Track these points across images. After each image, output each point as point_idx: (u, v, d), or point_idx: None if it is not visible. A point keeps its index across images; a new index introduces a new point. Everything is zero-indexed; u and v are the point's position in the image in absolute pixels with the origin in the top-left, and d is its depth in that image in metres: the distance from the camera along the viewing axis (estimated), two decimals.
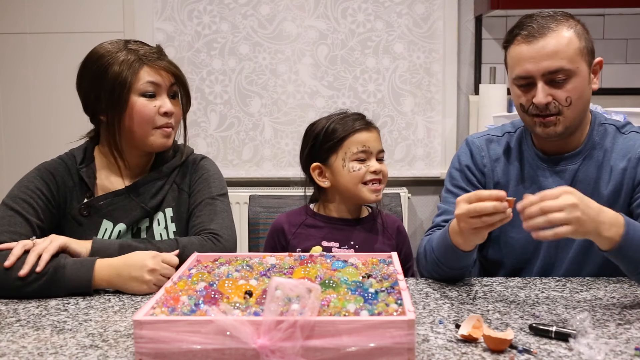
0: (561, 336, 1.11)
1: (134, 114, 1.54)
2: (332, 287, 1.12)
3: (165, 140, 1.58)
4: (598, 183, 1.57)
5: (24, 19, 3.32)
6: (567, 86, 1.49)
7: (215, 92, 3.33)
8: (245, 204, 2.96)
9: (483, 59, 3.29)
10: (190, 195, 1.64)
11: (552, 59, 1.47)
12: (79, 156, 1.61)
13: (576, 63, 1.49)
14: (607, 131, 1.60)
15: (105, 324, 1.22)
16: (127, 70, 1.52)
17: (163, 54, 1.60)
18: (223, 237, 1.54)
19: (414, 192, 3.35)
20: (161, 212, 1.61)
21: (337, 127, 1.65)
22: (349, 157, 1.63)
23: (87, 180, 1.59)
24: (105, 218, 1.57)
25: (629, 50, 3.27)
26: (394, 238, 1.71)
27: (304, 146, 1.71)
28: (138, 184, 1.60)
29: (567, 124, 1.52)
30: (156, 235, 1.59)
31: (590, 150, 1.59)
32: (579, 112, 1.52)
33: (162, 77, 1.56)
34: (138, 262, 1.39)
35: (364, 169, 1.63)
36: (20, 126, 3.38)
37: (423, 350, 1.08)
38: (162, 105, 1.56)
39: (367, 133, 1.64)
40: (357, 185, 1.63)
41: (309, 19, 3.29)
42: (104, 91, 1.53)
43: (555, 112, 1.50)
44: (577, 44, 1.49)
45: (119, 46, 1.56)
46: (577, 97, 1.50)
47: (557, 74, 1.48)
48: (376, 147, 1.65)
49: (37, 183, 1.55)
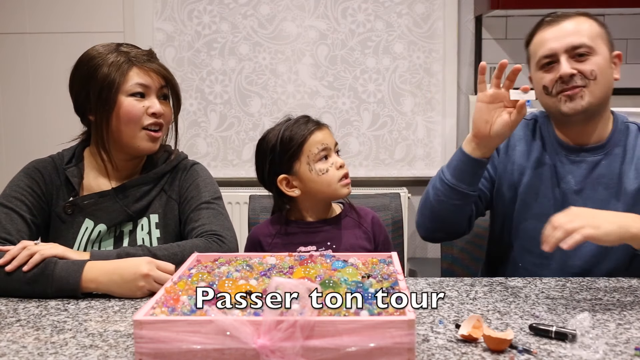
0: (561, 336, 1.11)
1: (122, 113, 1.54)
2: (332, 287, 1.12)
3: (152, 145, 1.59)
4: (622, 179, 1.59)
5: (23, 19, 3.32)
6: (589, 61, 1.55)
7: (215, 92, 3.33)
8: (245, 204, 2.96)
9: (483, 59, 3.29)
10: (182, 202, 1.63)
11: (574, 35, 1.56)
12: (67, 156, 1.64)
13: (597, 43, 1.56)
14: (629, 129, 1.64)
15: (105, 324, 1.22)
16: (115, 71, 1.53)
17: (154, 57, 1.61)
18: (227, 239, 1.54)
19: (414, 192, 3.35)
20: (145, 218, 1.61)
21: (291, 134, 1.62)
22: (312, 159, 1.61)
23: (73, 180, 1.60)
24: (88, 217, 1.58)
25: (629, 50, 3.27)
26: (369, 230, 1.69)
27: (263, 161, 1.66)
28: (124, 187, 1.61)
29: (591, 99, 1.56)
30: (138, 240, 1.59)
31: (613, 147, 1.62)
32: (603, 90, 1.57)
33: (152, 79, 1.57)
34: (132, 267, 1.37)
35: (331, 168, 1.62)
36: (19, 126, 3.38)
37: (423, 350, 1.08)
38: (150, 105, 1.56)
39: (321, 132, 1.63)
40: (331, 185, 1.62)
41: (309, 19, 3.29)
42: (93, 91, 1.54)
43: (581, 84, 1.55)
44: (597, 28, 1.58)
45: (110, 48, 1.58)
46: (601, 73, 1.55)
47: (579, 49, 1.55)
48: (332, 142, 1.64)
49: (27, 181, 1.58)
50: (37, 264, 1.38)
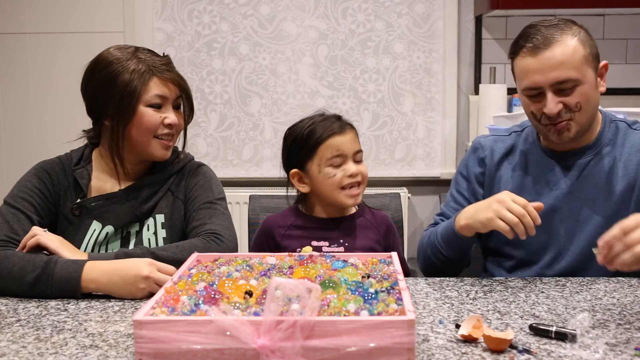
0: (561, 336, 1.11)
1: (141, 124, 1.56)
2: (332, 287, 1.12)
3: (164, 152, 1.62)
4: (610, 179, 1.59)
5: (23, 19, 3.32)
6: (575, 93, 1.51)
7: (215, 92, 3.33)
8: (245, 204, 2.96)
9: (483, 59, 3.29)
10: (187, 201, 1.64)
11: (559, 69, 1.49)
12: (76, 157, 1.65)
13: (582, 71, 1.51)
14: (618, 128, 1.64)
15: (105, 324, 1.22)
16: (137, 80, 1.54)
17: (171, 65, 1.62)
18: (225, 237, 1.54)
19: (414, 192, 3.35)
20: (152, 218, 1.62)
21: (310, 133, 1.62)
22: (323, 163, 1.61)
23: (81, 182, 1.61)
24: (95, 219, 1.59)
25: (629, 50, 3.27)
26: (382, 234, 1.70)
27: (283, 151, 1.70)
28: (132, 189, 1.61)
29: (578, 127, 1.55)
30: (145, 240, 1.60)
31: (602, 147, 1.61)
32: (589, 116, 1.56)
33: (170, 90, 1.59)
34: (132, 268, 1.37)
35: (339, 174, 1.61)
36: (19, 126, 3.38)
37: (423, 350, 1.08)
38: (167, 116, 1.58)
39: (341, 137, 1.61)
40: (334, 191, 1.62)
41: (309, 19, 3.29)
42: (113, 98, 1.55)
43: (567, 117, 1.53)
44: (582, 51, 1.51)
45: (128, 54, 1.57)
46: (586, 102, 1.53)
47: (565, 84, 1.50)
48: (351, 148, 1.62)
49: (35, 181, 1.59)
50: (32, 248, 1.43)
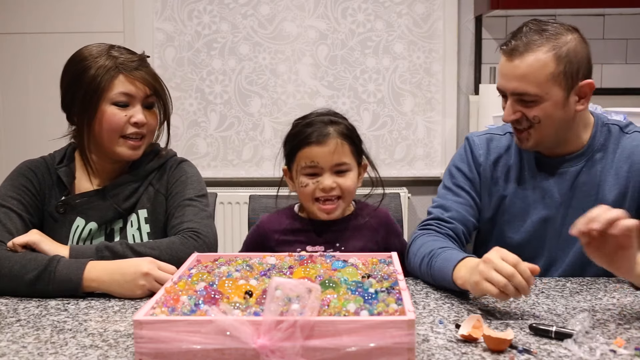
0: (561, 336, 1.11)
1: (103, 122, 1.55)
2: (332, 287, 1.12)
3: (132, 152, 1.59)
4: (602, 187, 1.56)
5: (23, 18, 3.32)
6: (534, 107, 1.49)
7: (215, 92, 3.33)
8: (245, 204, 2.96)
9: (483, 59, 3.29)
10: (168, 197, 1.64)
11: (520, 81, 1.48)
12: (59, 156, 1.66)
13: (545, 89, 1.47)
14: (610, 131, 1.60)
15: (105, 324, 1.22)
16: (102, 76, 1.53)
17: (144, 63, 1.60)
18: (202, 234, 1.53)
19: (414, 192, 3.35)
20: (134, 214, 1.62)
21: (294, 135, 1.56)
22: (299, 170, 1.55)
23: (65, 180, 1.62)
24: (79, 216, 1.60)
25: (629, 50, 3.27)
26: (381, 233, 1.65)
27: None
28: (113, 185, 1.62)
29: (537, 139, 1.53)
30: (129, 236, 1.60)
31: (594, 153, 1.58)
32: (549, 130, 1.52)
33: (137, 88, 1.56)
34: (133, 266, 1.39)
35: (312, 185, 1.54)
36: (19, 126, 3.38)
37: (423, 350, 1.08)
38: (133, 115, 1.56)
39: (318, 147, 1.51)
40: (307, 202, 1.57)
41: (309, 19, 3.29)
42: (78, 94, 1.55)
43: (525, 126, 1.52)
44: (551, 69, 1.46)
45: (101, 51, 1.57)
46: (546, 118, 1.49)
47: (524, 96, 1.49)
48: (329, 161, 1.51)
49: (22, 180, 1.60)
50: (22, 245, 1.44)
